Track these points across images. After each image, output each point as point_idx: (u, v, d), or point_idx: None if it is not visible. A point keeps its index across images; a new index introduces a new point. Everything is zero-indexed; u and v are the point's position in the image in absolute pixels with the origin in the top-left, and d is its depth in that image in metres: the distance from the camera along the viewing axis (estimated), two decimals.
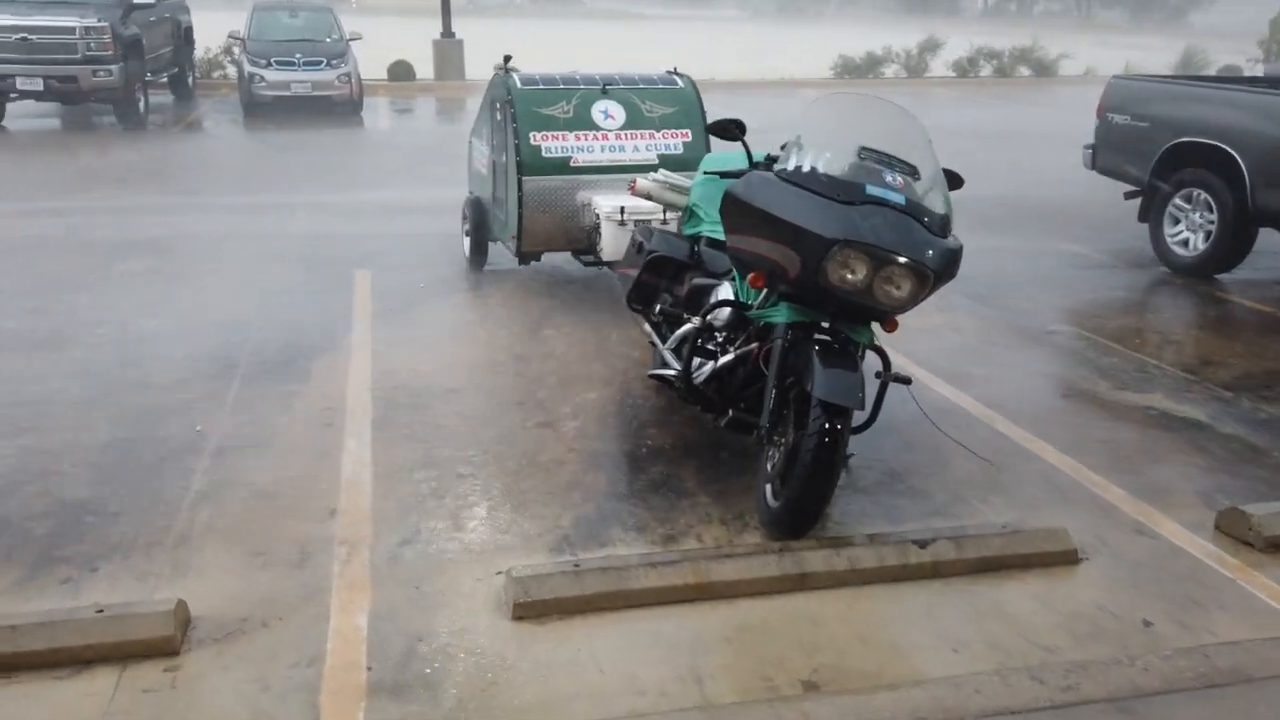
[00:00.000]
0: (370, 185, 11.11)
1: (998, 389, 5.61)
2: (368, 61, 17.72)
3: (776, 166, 4.05)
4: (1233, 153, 7.44)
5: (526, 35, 34.83)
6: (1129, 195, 8.66)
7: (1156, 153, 8.10)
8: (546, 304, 6.96)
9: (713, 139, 7.09)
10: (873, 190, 3.76)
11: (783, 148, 4.35)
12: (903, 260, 3.68)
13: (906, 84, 23.51)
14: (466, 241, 7.90)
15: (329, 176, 11.52)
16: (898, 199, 3.77)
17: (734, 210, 4.10)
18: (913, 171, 3.93)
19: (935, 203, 3.90)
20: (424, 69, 21.01)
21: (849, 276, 3.71)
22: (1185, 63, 24.30)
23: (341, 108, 16.61)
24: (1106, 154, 8.77)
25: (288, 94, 16.19)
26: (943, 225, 3.87)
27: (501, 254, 7.71)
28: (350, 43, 17.36)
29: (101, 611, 3.30)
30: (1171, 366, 6.01)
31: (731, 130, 4.45)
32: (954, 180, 4.16)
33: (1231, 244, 7.68)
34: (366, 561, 3.81)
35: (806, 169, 3.88)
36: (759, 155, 4.49)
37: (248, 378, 5.53)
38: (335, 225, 9.15)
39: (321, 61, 16.46)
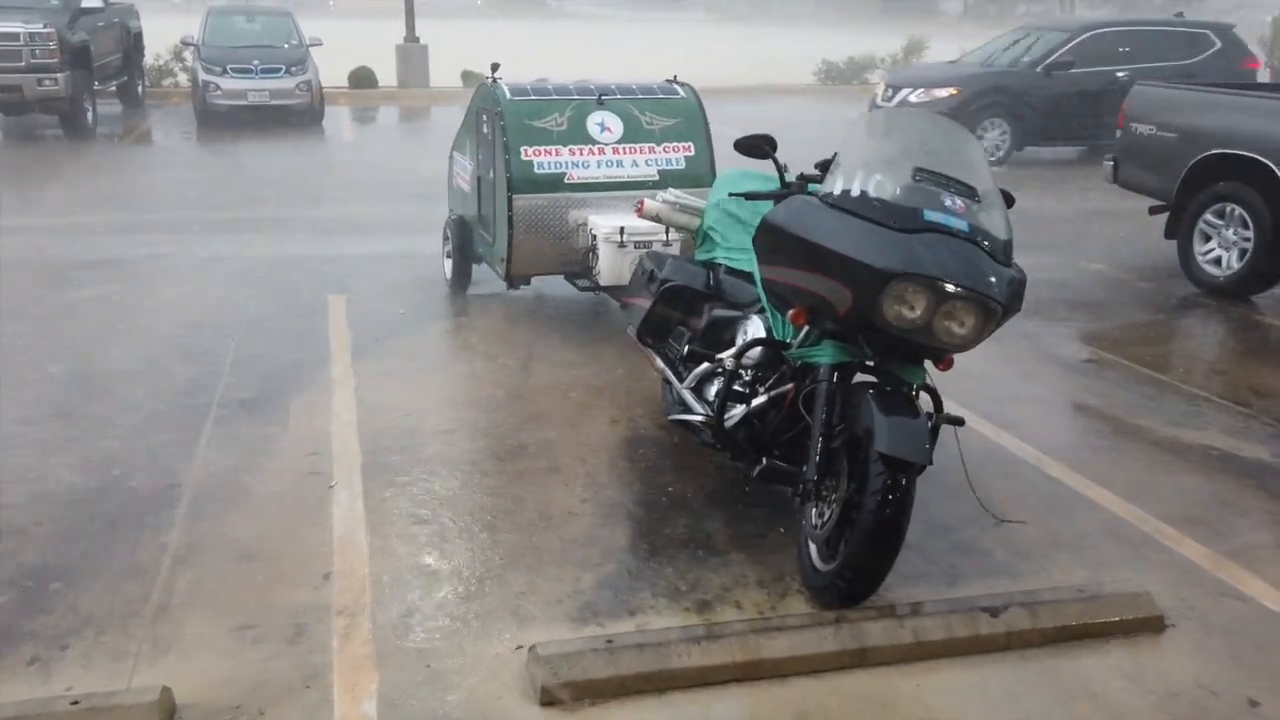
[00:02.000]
0: (337, 201, 10.84)
1: (1041, 426, 5.41)
2: (326, 67, 17.44)
3: (821, 190, 3.82)
4: (1271, 165, 7.30)
5: (492, 39, 34.65)
6: (1154, 210, 8.52)
7: (1185, 165, 7.97)
8: (538, 332, 6.71)
9: (706, 152, 7.04)
10: (931, 215, 3.53)
11: (818, 167, 4.14)
12: (968, 294, 3.45)
13: None
14: (448, 264, 7.65)
15: (292, 192, 11.23)
16: (960, 224, 3.54)
17: (772, 239, 3.86)
18: (970, 192, 3.70)
19: (996, 226, 3.67)
20: (386, 75, 20.74)
21: (907, 313, 3.47)
22: None
23: (301, 117, 16.35)
24: (1130, 167, 8.63)
25: (244, 103, 15.90)
26: (1005, 251, 3.65)
27: (484, 277, 7.46)
28: (310, 49, 17.09)
29: (77, 703, 3.02)
30: (1222, 399, 5.83)
31: (762, 148, 4.23)
32: (1006, 200, 3.95)
33: (1269, 262, 7.53)
34: (369, 635, 3.54)
35: (856, 193, 3.64)
36: (790, 176, 4.27)
37: (221, 418, 5.25)
38: (302, 245, 8.87)
39: (280, 69, 16.19)
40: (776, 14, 66.36)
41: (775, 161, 4.29)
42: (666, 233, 6.29)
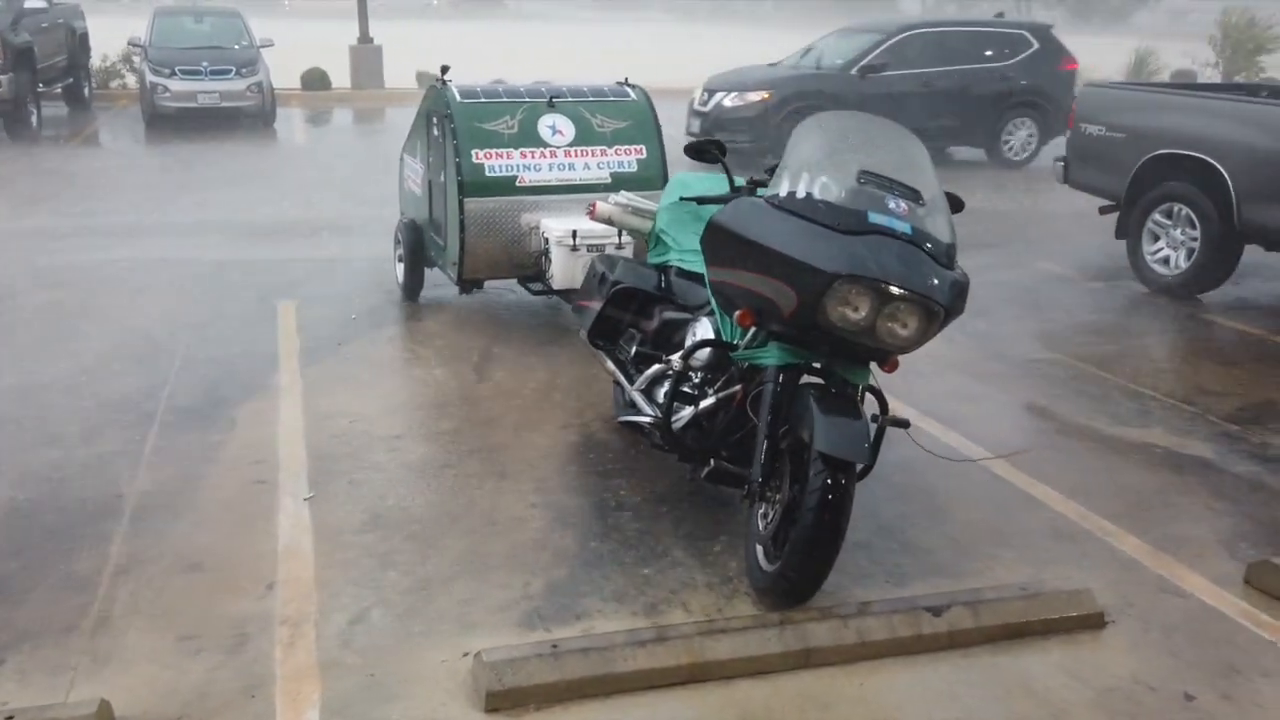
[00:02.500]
0: (288, 205, 10.80)
1: (989, 426, 5.49)
2: (279, 69, 17.35)
3: (766, 192, 3.87)
4: (1216, 165, 7.44)
5: (448, 40, 34.55)
6: (1105, 210, 8.65)
7: (1134, 166, 8.09)
8: (491, 336, 6.73)
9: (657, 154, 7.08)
10: (876, 218, 3.59)
11: (767, 171, 4.19)
12: (911, 296, 3.50)
13: None
14: (399, 268, 7.65)
15: (242, 196, 11.17)
16: (903, 227, 3.60)
17: (719, 241, 3.91)
18: (915, 196, 3.76)
19: (939, 230, 3.74)
20: (340, 77, 20.66)
21: (851, 315, 3.53)
22: (1138, 66, 24.68)
23: (252, 120, 16.25)
24: (1080, 167, 8.76)
25: (194, 105, 15.79)
26: (949, 254, 3.72)
27: (437, 281, 7.47)
28: (261, 50, 17.00)
29: (12, 718, 3.01)
30: (1167, 398, 5.94)
31: (711, 152, 4.29)
32: (955, 203, 4.02)
33: (1216, 262, 7.68)
34: (313, 644, 3.55)
35: (801, 195, 3.70)
36: (740, 179, 4.32)
37: (166, 427, 5.23)
38: (252, 250, 8.84)
39: (230, 70, 16.08)
40: (740, 13, 66.41)
41: (724, 165, 4.34)
42: (619, 236, 6.33)
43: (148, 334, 6.60)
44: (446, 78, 7.02)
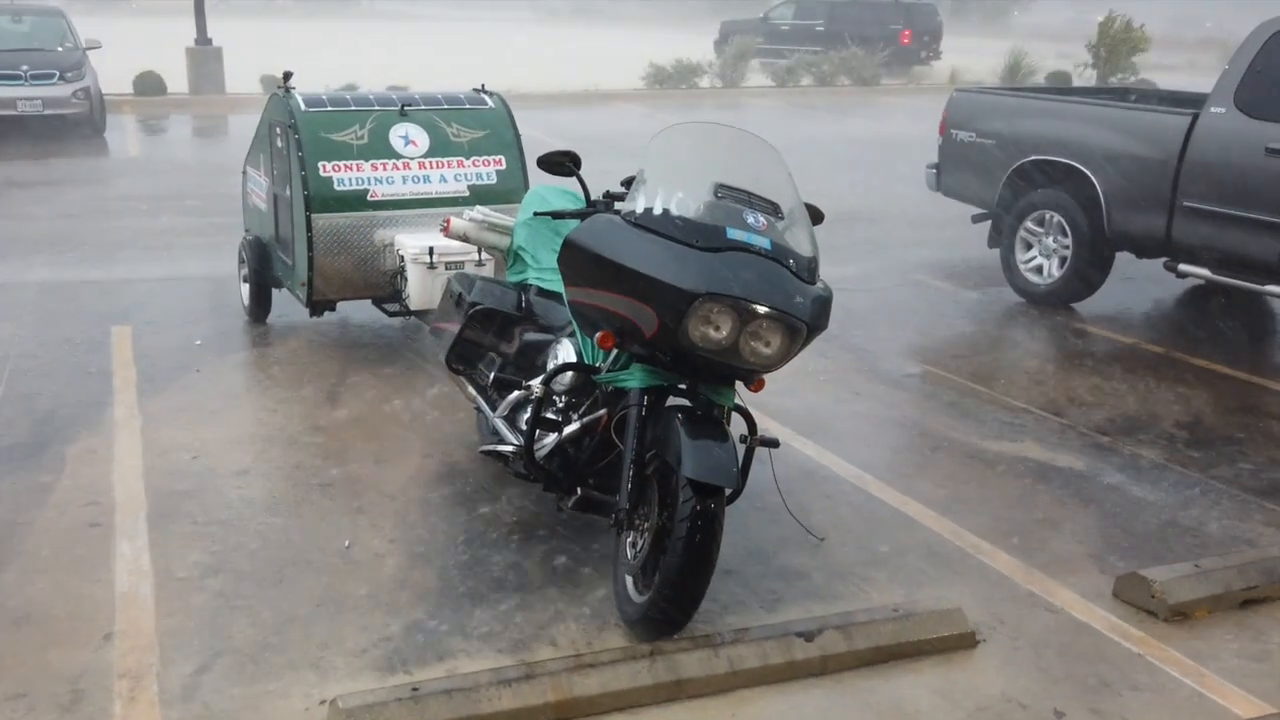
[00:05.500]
0: (121, 221, 10.57)
1: (863, 444, 5.68)
2: (110, 73, 16.96)
3: (623, 208, 3.96)
4: (1086, 171, 7.80)
5: (296, 41, 34.11)
6: (977, 218, 8.98)
7: (1005, 173, 8.43)
8: (345, 362, 6.71)
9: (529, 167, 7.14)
10: (734, 234, 3.71)
11: (624, 184, 4.28)
12: (773, 314, 3.62)
13: (723, 95, 24.05)
14: (245, 289, 7.57)
15: (70, 211, 10.91)
16: (762, 243, 3.72)
17: (576, 260, 3.99)
18: (774, 209, 3.90)
19: (800, 243, 3.87)
20: (177, 81, 20.27)
21: (713, 334, 3.63)
22: (1012, 68, 25.61)
23: (80, 128, 15.86)
24: (951, 175, 9.07)
25: (13, 113, 15.34)
26: (810, 269, 3.85)
27: (289, 302, 7.41)
28: (88, 52, 16.59)
29: None
30: (1041, 410, 6.22)
31: (564, 165, 4.36)
32: (815, 215, 4.16)
33: (1088, 270, 8.04)
34: (155, 697, 3.52)
35: (658, 211, 3.80)
36: (596, 193, 4.40)
37: None
38: (82, 271, 8.65)
39: (54, 74, 15.65)
40: (604, 12, 66.81)
41: (579, 179, 4.42)
42: (479, 252, 6.36)
43: None
44: (290, 85, 6.98)
